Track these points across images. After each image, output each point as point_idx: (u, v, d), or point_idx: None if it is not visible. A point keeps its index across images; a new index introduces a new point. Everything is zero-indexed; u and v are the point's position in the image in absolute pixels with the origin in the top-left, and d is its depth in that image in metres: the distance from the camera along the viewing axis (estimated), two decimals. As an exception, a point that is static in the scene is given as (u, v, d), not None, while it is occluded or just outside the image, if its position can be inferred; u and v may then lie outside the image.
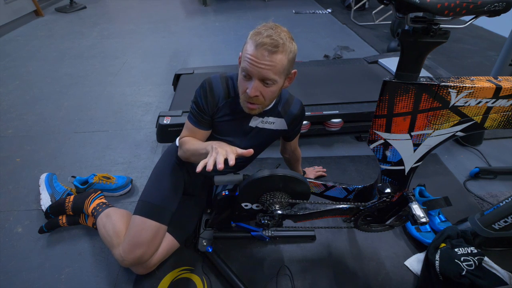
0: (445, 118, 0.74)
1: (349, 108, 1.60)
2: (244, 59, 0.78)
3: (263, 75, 0.77)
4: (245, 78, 0.81)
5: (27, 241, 1.18)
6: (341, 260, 1.11)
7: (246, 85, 0.81)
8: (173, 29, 3.46)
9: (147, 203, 1.01)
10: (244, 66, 0.78)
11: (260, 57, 0.75)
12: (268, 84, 0.80)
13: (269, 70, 0.76)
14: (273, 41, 0.74)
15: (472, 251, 0.96)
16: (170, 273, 1.06)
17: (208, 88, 0.91)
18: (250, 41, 0.77)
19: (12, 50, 2.90)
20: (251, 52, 0.76)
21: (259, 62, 0.75)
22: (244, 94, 0.83)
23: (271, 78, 0.78)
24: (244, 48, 0.80)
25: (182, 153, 0.97)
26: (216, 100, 0.92)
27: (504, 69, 1.39)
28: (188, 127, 0.96)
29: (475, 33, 3.19)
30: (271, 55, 0.75)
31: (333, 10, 3.97)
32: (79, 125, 1.84)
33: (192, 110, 0.94)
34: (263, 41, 0.74)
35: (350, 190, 1.08)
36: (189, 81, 1.89)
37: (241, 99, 0.86)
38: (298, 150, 1.20)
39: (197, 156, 0.88)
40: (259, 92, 0.80)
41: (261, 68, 0.76)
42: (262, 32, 0.75)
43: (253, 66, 0.76)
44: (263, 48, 0.74)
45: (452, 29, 0.67)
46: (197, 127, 0.94)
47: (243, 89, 0.83)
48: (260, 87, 0.80)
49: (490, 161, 1.55)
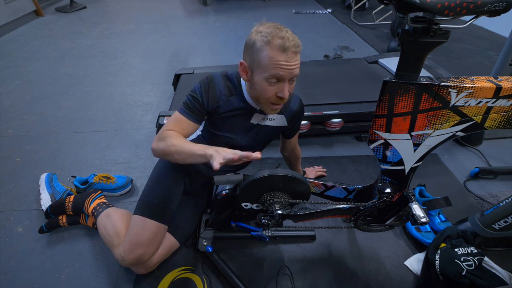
0: (445, 118, 0.74)
1: (349, 108, 1.60)
2: (271, 67, 0.78)
3: (294, 75, 0.82)
4: (271, 84, 0.82)
5: (27, 241, 1.18)
6: (341, 260, 1.11)
7: (275, 89, 0.83)
8: (173, 29, 3.46)
9: (147, 203, 1.01)
10: (273, 73, 0.79)
11: (290, 60, 0.78)
12: (293, 81, 0.85)
13: (297, 69, 0.82)
14: (294, 41, 0.78)
15: (472, 251, 0.96)
16: (170, 273, 1.06)
17: (209, 83, 0.91)
18: (268, 47, 0.77)
19: (12, 50, 2.90)
20: (279, 57, 0.77)
21: (291, 65, 0.79)
22: (272, 98, 0.85)
23: (298, 74, 0.83)
24: (258, 56, 0.79)
25: (162, 147, 0.86)
26: (217, 97, 0.92)
27: (504, 69, 1.39)
28: (176, 117, 0.90)
29: (475, 33, 3.18)
30: (297, 54, 0.79)
31: (333, 10, 3.97)
32: (79, 125, 1.84)
33: (186, 101, 0.91)
34: (288, 44, 0.76)
35: (350, 190, 1.08)
36: (189, 81, 1.89)
37: (264, 104, 0.88)
38: (297, 148, 1.20)
39: (185, 156, 0.83)
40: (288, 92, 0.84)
41: (293, 69, 0.80)
42: (278, 35, 0.77)
43: (287, 70, 0.79)
44: (291, 51, 0.77)
45: (452, 29, 0.67)
46: (187, 117, 0.90)
47: (270, 93, 0.84)
48: (289, 87, 0.84)
49: (490, 161, 1.55)
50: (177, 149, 0.83)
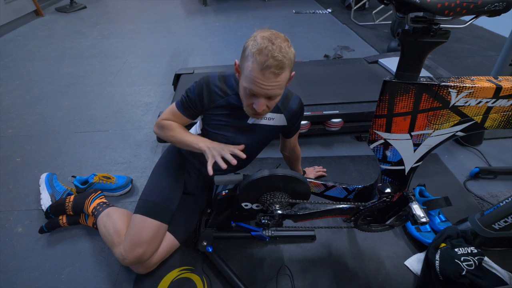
0: (445, 118, 0.74)
1: (349, 108, 1.60)
2: (249, 79, 0.76)
3: (270, 95, 0.78)
4: (248, 95, 0.80)
5: (27, 241, 1.18)
6: (341, 260, 1.11)
7: (251, 100, 0.81)
8: (173, 29, 3.46)
9: (147, 202, 1.01)
10: (248, 86, 0.77)
11: (266, 80, 0.74)
12: (273, 98, 0.81)
13: (275, 89, 0.77)
14: (278, 62, 0.72)
15: (472, 251, 0.96)
16: (170, 273, 1.06)
17: (204, 85, 0.92)
18: (252, 59, 0.74)
19: (12, 50, 2.90)
20: (257, 74, 0.74)
21: (265, 85, 0.75)
22: (250, 107, 0.83)
23: (277, 94, 0.79)
24: (245, 64, 0.77)
25: (163, 135, 0.99)
26: (213, 98, 0.92)
27: (504, 69, 1.39)
28: (173, 111, 0.98)
29: (475, 33, 3.19)
30: (277, 76, 0.74)
31: (333, 10, 3.97)
32: (79, 125, 1.84)
33: (183, 98, 0.96)
34: (268, 63, 0.71)
35: (350, 190, 1.08)
36: (189, 81, 1.89)
37: (245, 108, 0.87)
38: (297, 147, 1.20)
39: (183, 146, 0.96)
40: (265, 106, 0.81)
41: (268, 89, 0.76)
42: (264, 51, 0.72)
43: (260, 88, 0.76)
44: (270, 71, 0.72)
45: (452, 29, 0.67)
46: (182, 113, 0.97)
47: (248, 103, 0.83)
48: (266, 102, 0.81)
49: (490, 161, 1.55)
50: (177, 140, 0.96)
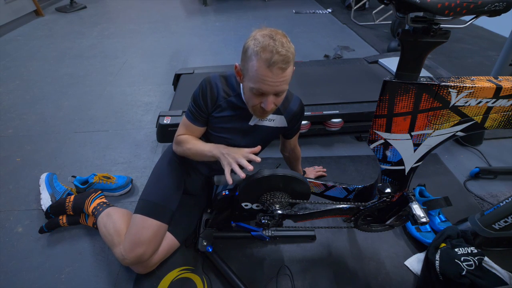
0: (445, 118, 0.74)
1: (349, 108, 1.60)
2: (256, 79, 0.76)
3: (279, 91, 0.79)
4: (256, 95, 0.80)
5: (27, 241, 1.18)
6: (341, 260, 1.11)
7: (259, 100, 0.81)
8: (173, 29, 3.46)
9: (147, 202, 1.01)
10: (256, 86, 0.77)
11: (275, 76, 0.74)
12: (280, 94, 0.81)
13: (283, 85, 0.78)
14: (283, 57, 0.72)
15: (472, 251, 0.96)
16: (170, 273, 1.06)
17: (207, 87, 0.92)
18: (256, 58, 0.74)
19: (12, 50, 2.90)
20: (264, 72, 0.74)
21: (274, 81, 0.75)
22: (257, 107, 0.84)
23: (285, 90, 0.80)
24: (248, 64, 0.77)
25: (181, 151, 0.99)
26: (215, 98, 0.93)
27: (504, 69, 1.39)
28: (186, 124, 0.98)
29: (475, 33, 3.18)
30: (284, 71, 0.75)
31: (333, 10, 3.97)
32: (79, 125, 1.84)
33: (190, 107, 0.96)
34: (275, 59, 0.72)
35: (350, 190, 1.08)
36: (189, 81, 1.89)
37: (251, 109, 0.87)
38: (298, 148, 1.20)
39: (199, 156, 0.95)
40: (273, 104, 0.82)
41: (277, 86, 0.77)
42: (268, 47, 0.72)
43: (268, 85, 0.76)
44: (277, 67, 0.73)
45: (452, 29, 0.67)
46: (194, 124, 0.96)
47: (254, 103, 0.83)
48: (274, 99, 0.81)
49: (490, 161, 1.55)
50: (192, 152, 0.95)
